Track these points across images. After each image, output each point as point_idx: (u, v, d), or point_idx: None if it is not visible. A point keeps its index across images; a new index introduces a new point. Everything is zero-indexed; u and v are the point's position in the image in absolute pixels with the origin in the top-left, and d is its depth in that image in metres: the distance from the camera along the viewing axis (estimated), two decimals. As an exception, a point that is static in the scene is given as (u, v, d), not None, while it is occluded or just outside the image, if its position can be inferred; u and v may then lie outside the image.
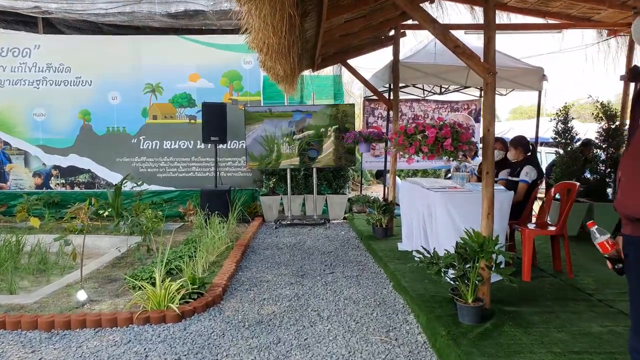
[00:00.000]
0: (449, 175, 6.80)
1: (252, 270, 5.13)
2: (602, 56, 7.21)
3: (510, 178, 4.96)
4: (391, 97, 6.53)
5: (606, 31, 7.17)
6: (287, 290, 4.43)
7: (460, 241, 3.57)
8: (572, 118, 6.76)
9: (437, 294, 3.95)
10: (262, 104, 8.42)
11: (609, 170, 6.60)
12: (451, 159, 3.28)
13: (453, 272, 3.51)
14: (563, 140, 6.63)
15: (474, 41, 7.24)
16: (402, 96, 7.78)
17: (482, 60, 3.42)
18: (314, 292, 4.35)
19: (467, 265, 3.46)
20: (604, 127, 6.60)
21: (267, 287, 4.50)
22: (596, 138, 6.70)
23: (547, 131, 8.99)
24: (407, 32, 6.58)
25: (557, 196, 5.04)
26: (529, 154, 5.04)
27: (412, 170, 10.71)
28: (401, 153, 3.39)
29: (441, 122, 3.32)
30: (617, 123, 6.57)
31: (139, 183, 6.75)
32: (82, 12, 7.94)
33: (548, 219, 4.88)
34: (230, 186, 7.99)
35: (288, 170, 7.87)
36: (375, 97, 8.60)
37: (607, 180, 6.63)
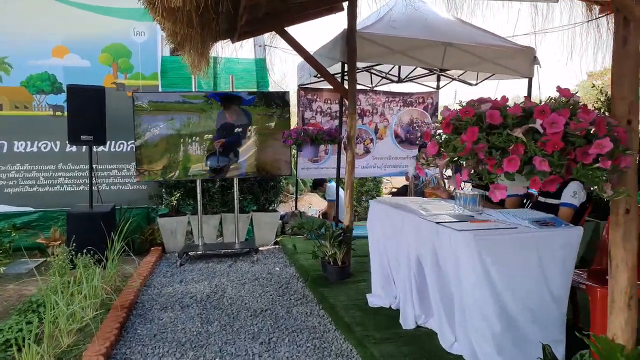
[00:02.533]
0: (420, 185, 5.08)
1: (135, 366, 2.97)
2: (592, 39, 5.89)
3: (547, 200, 3.29)
4: (346, 82, 4.65)
5: (598, 7, 5.87)
6: None
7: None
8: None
9: None
10: (159, 91, 6.15)
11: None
12: (586, 184, 1.45)
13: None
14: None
15: (444, 12, 5.62)
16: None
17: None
18: None
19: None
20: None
21: (158, 420, 2.39)
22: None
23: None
24: (366, -9, 4.76)
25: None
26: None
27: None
28: (482, 176, 1.45)
29: (568, 98, 1.47)
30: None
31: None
32: None
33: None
34: (115, 204, 5.65)
35: (198, 181, 5.71)
36: (312, 86, 6.72)
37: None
